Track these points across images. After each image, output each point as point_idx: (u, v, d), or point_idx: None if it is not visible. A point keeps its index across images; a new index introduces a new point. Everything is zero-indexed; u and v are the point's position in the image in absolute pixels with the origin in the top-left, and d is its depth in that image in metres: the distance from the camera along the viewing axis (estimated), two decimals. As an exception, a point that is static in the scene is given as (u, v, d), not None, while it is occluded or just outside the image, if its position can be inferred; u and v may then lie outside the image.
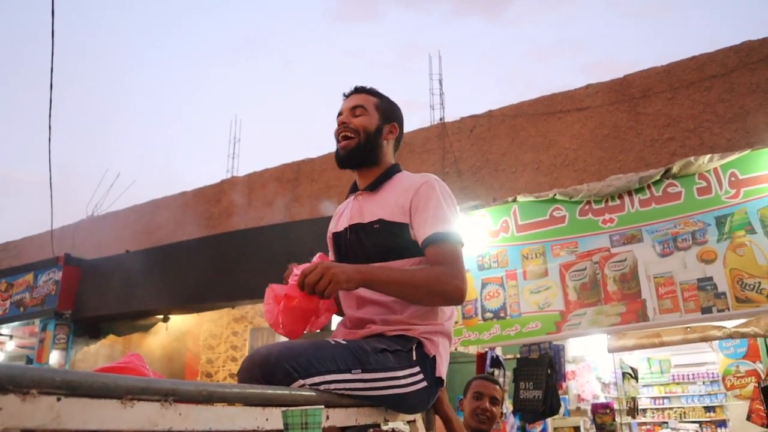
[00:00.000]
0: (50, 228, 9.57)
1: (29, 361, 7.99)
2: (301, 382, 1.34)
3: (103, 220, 10.76)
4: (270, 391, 1.14)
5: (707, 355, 9.68)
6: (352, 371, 1.43)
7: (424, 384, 1.56)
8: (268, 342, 8.55)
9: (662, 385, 10.65)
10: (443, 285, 1.54)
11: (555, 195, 4.97)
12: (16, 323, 8.12)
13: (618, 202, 4.75)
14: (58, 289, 7.59)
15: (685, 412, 10.38)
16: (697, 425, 9.69)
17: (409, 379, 1.53)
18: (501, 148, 7.94)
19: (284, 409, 0.97)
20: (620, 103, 7.58)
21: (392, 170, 1.84)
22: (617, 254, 4.62)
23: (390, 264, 1.66)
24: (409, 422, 1.66)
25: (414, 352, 1.58)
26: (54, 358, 7.48)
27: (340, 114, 1.85)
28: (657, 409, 10.53)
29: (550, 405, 4.60)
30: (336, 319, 1.85)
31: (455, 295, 1.56)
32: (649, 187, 4.66)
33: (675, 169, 4.56)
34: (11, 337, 8.95)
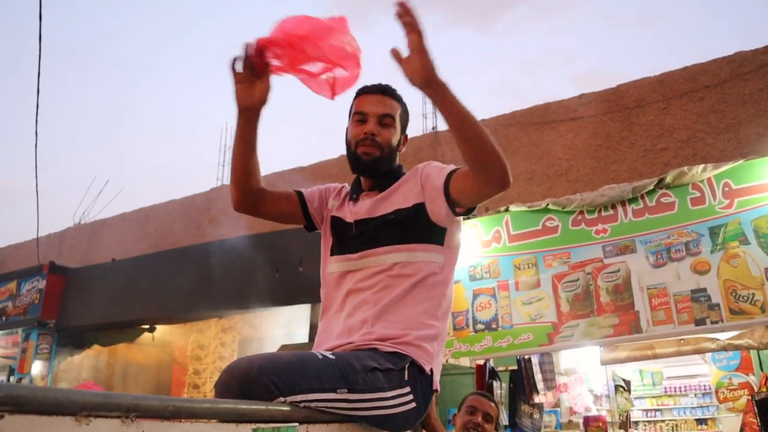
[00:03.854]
0: (36, 235, 9.45)
1: (11, 371, 7.83)
2: (282, 399, 1.25)
3: (91, 228, 10.62)
4: (244, 407, 1.06)
5: (699, 367, 9.63)
6: (337, 390, 1.34)
7: (412, 405, 1.47)
8: (257, 353, 8.42)
9: (654, 397, 10.58)
10: (501, 157, 1.43)
11: (548, 205, 4.92)
12: (-2, 333, 7.96)
13: (611, 212, 4.70)
14: (42, 298, 7.45)
15: (677, 425, 10.31)
16: (690, 438, 9.64)
17: (397, 400, 1.44)
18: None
19: (255, 426, 0.89)
20: (613, 113, 7.56)
21: (400, 172, 1.78)
22: (610, 265, 4.56)
23: (408, 247, 1.59)
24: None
25: (406, 372, 1.48)
26: (36, 368, 7.33)
27: (362, 114, 1.72)
28: (649, 422, 10.46)
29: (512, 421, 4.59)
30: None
31: (507, 171, 1.45)
32: (642, 197, 4.61)
33: (668, 179, 4.52)
34: (-7, 346, 8.80)
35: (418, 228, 1.62)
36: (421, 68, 1.38)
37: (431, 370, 1.54)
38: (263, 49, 1.51)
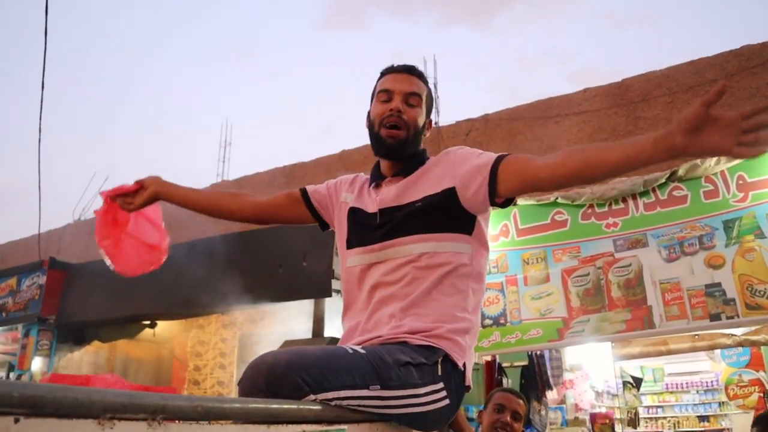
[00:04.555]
0: (37, 231, 9.35)
1: (11, 367, 7.74)
2: (312, 397, 1.17)
3: (91, 224, 10.51)
4: (276, 406, 0.97)
5: (701, 363, 9.60)
6: (370, 387, 1.25)
7: (446, 402, 1.39)
8: (257, 349, 8.35)
9: (656, 394, 10.55)
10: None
11: (557, 198, 4.83)
12: (-3, 329, 7.87)
13: (622, 205, 4.62)
14: (42, 294, 7.35)
15: (679, 422, 10.28)
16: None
17: (430, 397, 1.35)
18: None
19: (299, 431, 0.81)
20: (618, 107, 7.47)
21: (425, 156, 1.70)
22: (621, 259, 4.48)
23: (435, 237, 1.52)
24: (423, 437, 1.49)
25: (439, 366, 1.40)
26: (36, 364, 7.24)
27: (388, 92, 1.64)
28: (651, 419, 10.42)
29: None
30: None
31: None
32: (654, 190, 4.53)
33: (681, 172, 4.43)
34: (-7, 342, 8.71)
35: (446, 215, 1.53)
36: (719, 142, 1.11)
37: (464, 365, 1.46)
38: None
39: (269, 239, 6.00)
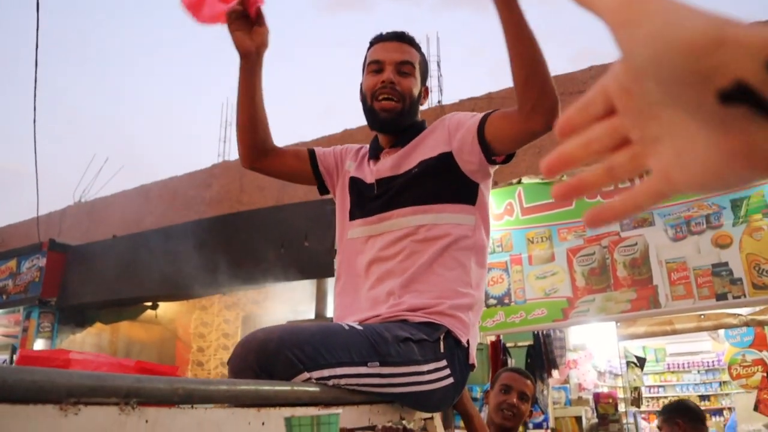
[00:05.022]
0: (36, 214, 9.30)
1: (14, 350, 7.73)
2: (307, 375, 1.10)
3: (91, 205, 10.46)
4: (267, 388, 0.90)
5: (703, 343, 9.59)
6: (368, 364, 1.19)
7: (450, 380, 1.32)
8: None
9: (657, 373, 10.57)
10: (553, 82, 1.30)
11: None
12: (-1, 311, 7.85)
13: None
14: (42, 276, 7.31)
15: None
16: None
17: (434, 375, 1.28)
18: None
19: (288, 414, 0.74)
20: (624, 84, 7.35)
21: (423, 126, 1.61)
22: (627, 238, 4.41)
23: (434, 208, 1.44)
24: (425, 419, 1.43)
25: (441, 343, 1.33)
26: (39, 346, 7.23)
27: (378, 63, 1.56)
28: (652, 398, 10.44)
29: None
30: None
31: (557, 99, 1.30)
32: (660, 168, 4.44)
33: (689, 149, 4.34)
34: (-6, 325, 8.70)
35: (445, 183, 1.45)
36: None
37: (468, 342, 1.38)
38: None
39: (271, 219, 5.94)
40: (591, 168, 0.43)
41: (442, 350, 1.32)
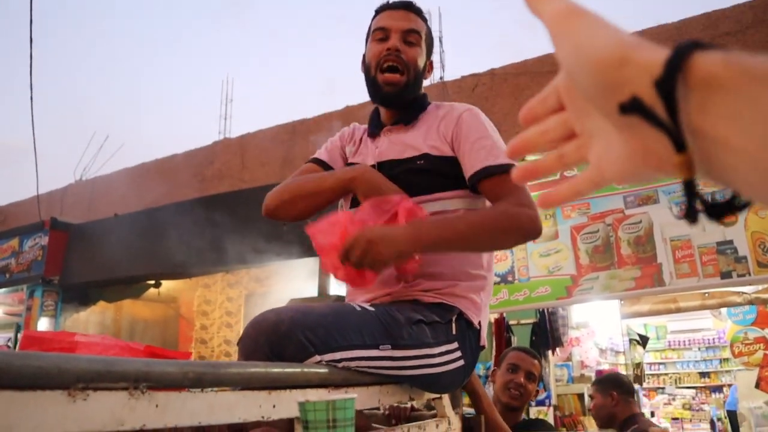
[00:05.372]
0: (36, 192, 9.27)
1: (18, 328, 7.77)
2: (318, 358, 1.08)
3: (92, 184, 10.43)
4: (278, 370, 0.89)
5: (704, 321, 9.63)
6: (380, 347, 1.17)
7: (461, 363, 1.31)
8: (263, 308, 8.35)
9: (658, 351, 10.64)
10: (515, 220, 1.28)
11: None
12: (2, 290, 7.85)
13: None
14: (45, 255, 7.31)
15: (680, 378, 10.38)
16: (694, 391, 9.71)
17: (444, 357, 1.27)
18: (504, 107, 7.62)
19: (300, 397, 0.72)
20: (629, 60, 7.27)
21: (425, 101, 1.56)
22: (632, 216, 4.38)
23: (443, 195, 1.41)
24: (433, 399, 1.42)
25: (454, 325, 1.32)
26: (43, 325, 7.26)
27: (384, 30, 1.50)
28: (653, 375, 10.52)
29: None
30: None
31: (531, 227, 1.30)
32: (666, 145, 4.39)
33: (695, 126, 4.29)
34: (-2, 304, 8.73)
35: (451, 178, 1.42)
36: (393, 255, 1.18)
37: (479, 324, 1.37)
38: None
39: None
40: (545, 155, 0.49)
41: (454, 332, 1.31)
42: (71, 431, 0.55)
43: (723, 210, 0.37)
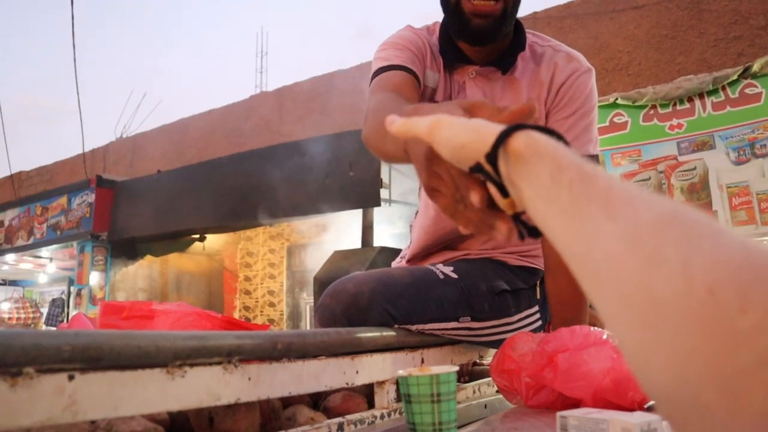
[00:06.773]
0: (82, 150, 9.42)
1: (71, 282, 8.03)
2: (396, 327, 1.05)
3: (133, 141, 10.56)
4: (358, 335, 0.86)
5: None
6: (460, 319, 1.12)
7: (537, 324, 1.27)
8: (305, 259, 8.45)
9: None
10: None
11: (617, 99, 4.53)
12: (54, 246, 8.10)
13: (687, 105, 4.30)
14: (92, 212, 7.48)
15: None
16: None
17: (522, 322, 1.23)
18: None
19: (402, 373, 0.69)
20: (680, -1, 6.89)
21: (524, 36, 1.27)
22: (686, 162, 4.23)
23: None
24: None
25: (538, 289, 1.27)
26: (94, 279, 7.49)
27: None
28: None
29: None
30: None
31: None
32: (723, 88, 4.18)
33: (755, 67, 4.07)
34: (51, 259, 9.01)
35: None
36: None
37: None
38: None
39: (315, 149, 5.88)
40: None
41: (537, 296, 1.26)
42: (172, 408, 0.54)
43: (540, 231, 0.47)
